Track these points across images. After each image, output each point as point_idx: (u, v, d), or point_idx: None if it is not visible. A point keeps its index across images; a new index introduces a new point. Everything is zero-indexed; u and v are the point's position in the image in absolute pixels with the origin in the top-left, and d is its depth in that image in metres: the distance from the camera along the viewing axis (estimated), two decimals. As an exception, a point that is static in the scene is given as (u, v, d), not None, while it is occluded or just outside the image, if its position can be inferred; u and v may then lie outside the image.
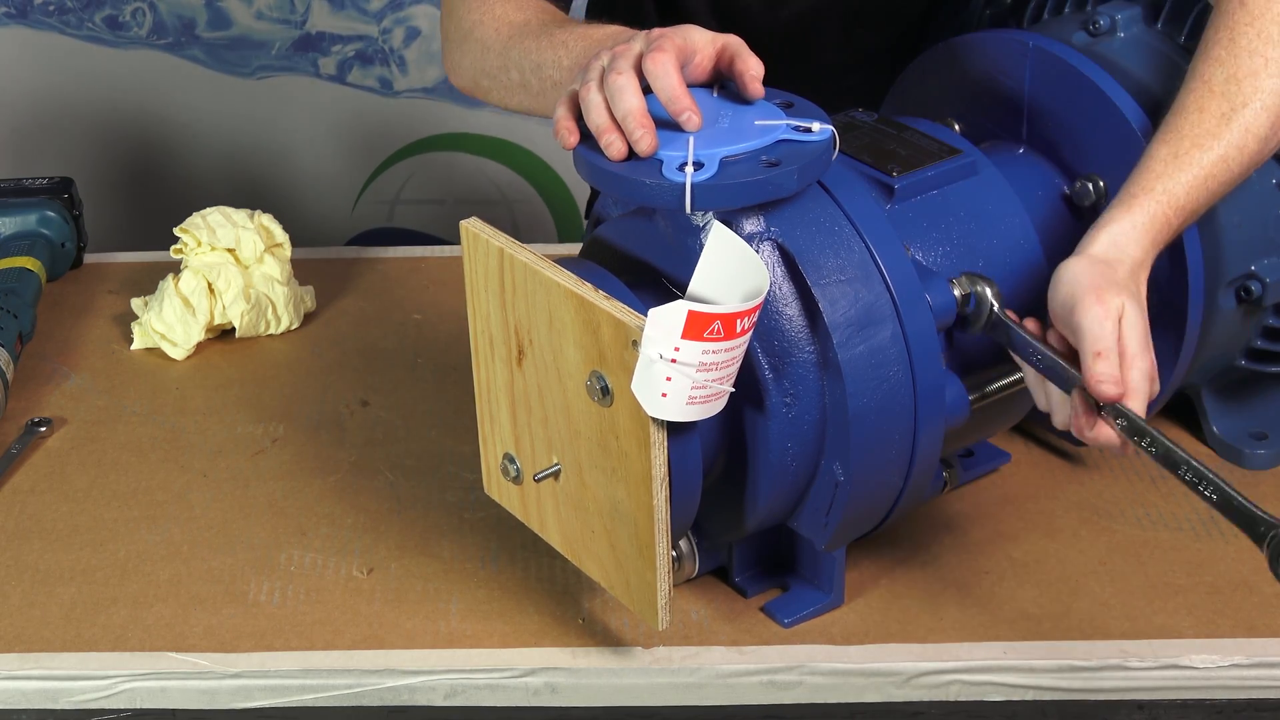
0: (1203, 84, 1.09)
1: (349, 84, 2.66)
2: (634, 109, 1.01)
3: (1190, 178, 1.07)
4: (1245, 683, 1.08)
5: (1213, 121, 1.08)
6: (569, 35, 1.25)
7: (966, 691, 1.08)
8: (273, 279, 1.47)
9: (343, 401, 1.37)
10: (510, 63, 1.30)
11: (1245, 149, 1.08)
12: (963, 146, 1.16)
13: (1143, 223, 1.06)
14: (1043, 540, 1.19)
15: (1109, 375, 0.99)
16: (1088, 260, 1.04)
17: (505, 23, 1.33)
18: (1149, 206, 1.06)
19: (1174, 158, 1.07)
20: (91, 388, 1.40)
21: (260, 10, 2.62)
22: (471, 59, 1.35)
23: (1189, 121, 1.08)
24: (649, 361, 0.91)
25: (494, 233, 1.03)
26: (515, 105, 1.34)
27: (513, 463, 1.07)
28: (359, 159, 2.74)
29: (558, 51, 1.26)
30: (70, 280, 1.58)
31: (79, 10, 2.61)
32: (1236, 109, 1.08)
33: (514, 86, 1.31)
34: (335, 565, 1.17)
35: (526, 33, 1.30)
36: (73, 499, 1.25)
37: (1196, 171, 1.07)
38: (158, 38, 2.63)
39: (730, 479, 1.06)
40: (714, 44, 1.07)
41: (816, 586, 1.12)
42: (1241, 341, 1.23)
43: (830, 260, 1.02)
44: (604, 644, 1.09)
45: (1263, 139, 1.09)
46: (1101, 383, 0.98)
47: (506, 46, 1.31)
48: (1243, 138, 1.08)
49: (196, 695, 1.08)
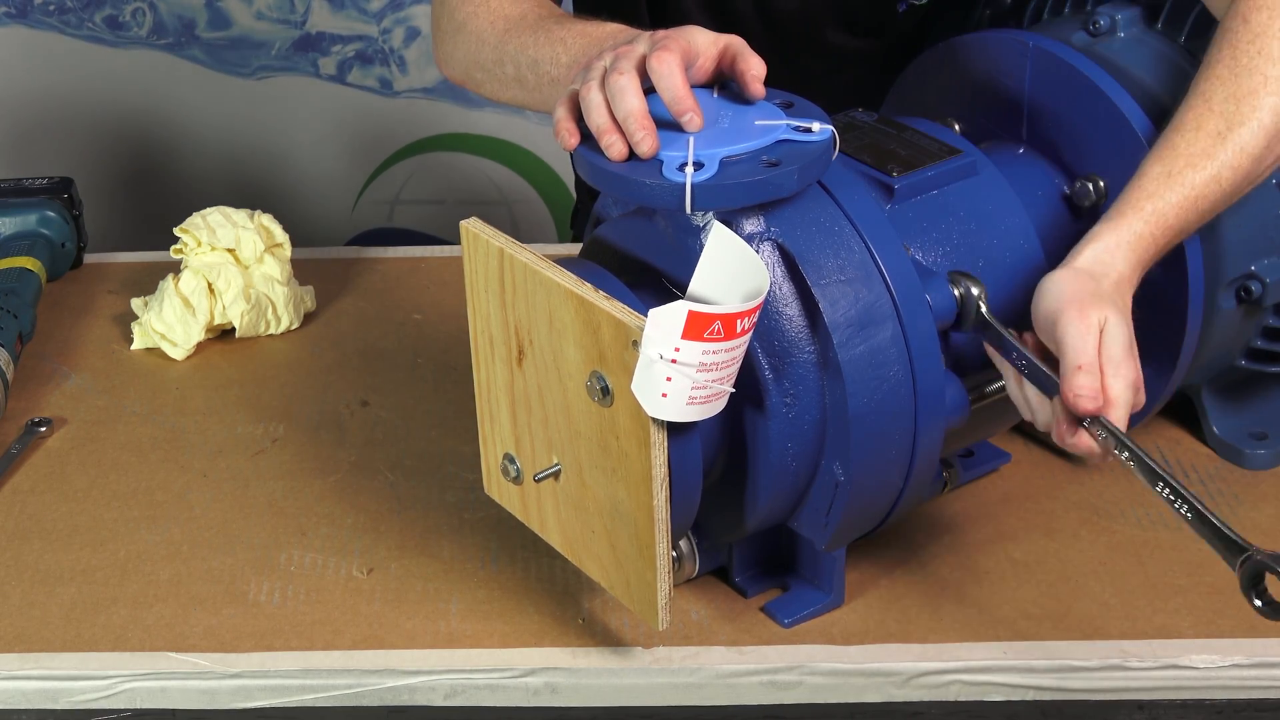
0: (1202, 101, 1.09)
1: (349, 84, 2.66)
2: (635, 110, 1.01)
3: (1180, 197, 1.07)
4: (1245, 683, 1.08)
5: (1208, 140, 1.08)
6: (567, 32, 1.25)
7: (966, 691, 1.08)
8: (273, 279, 1.47)
9: (343, 401, 1.37)
10: (505, 57, 1.30)
11: (1239, 168, 1.08)
12: (963, 146, 1.16)
13: (1129, 240, 1.06)
14: (1043, 540, 1.19)
15: (1089, 389, 0.99)
16: (1072, 273, 1.04)
17: (500, 16, 1.33)
18: (1136, 225, 1.06)
19: (1166, 176, 1.07)
20: (91, 388, 1.40)
21: (260, 10, 2.62)
22: (465, 51, 1.35)
23: (1185, 139, 1.08)
24: (649, 362, 0.91)
25: (494, 233, 1.03)
26: (509, 99, 1.34)
27: (513, 463, 1.07)
28: (359, 159, 2.74)
29: (556, 48, 1.26)
30: (70, 280, 1.58)
31: (79, 10, 2.61)
32: (1233, 127, 1.08)
33: (508, 81, 1.31)
34: (335, 565, 1.17)
35: (523, 27, 1.30)
36: (73, 499, 1.25)
37: (1187, 191, 1.07)
38: (158, 38, 2.63)
39: (730, 479, 1.06)
40: (716, 45, 1.07)
41: (816, 586, 1.12)
42: (1241, 341, 1.23)
43: (830, 260, 1.02)
44: (604, 644, 1.09)
45: (1256, 158, 1.09)
46: (1080, 396, 0.99)
47: (502, 40, 1.31)
48: (1237, 157, 1.08)
49: (196, 695, 1.08)
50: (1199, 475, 1.25)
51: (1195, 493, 0.99)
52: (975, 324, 1.07)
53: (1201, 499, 0.97)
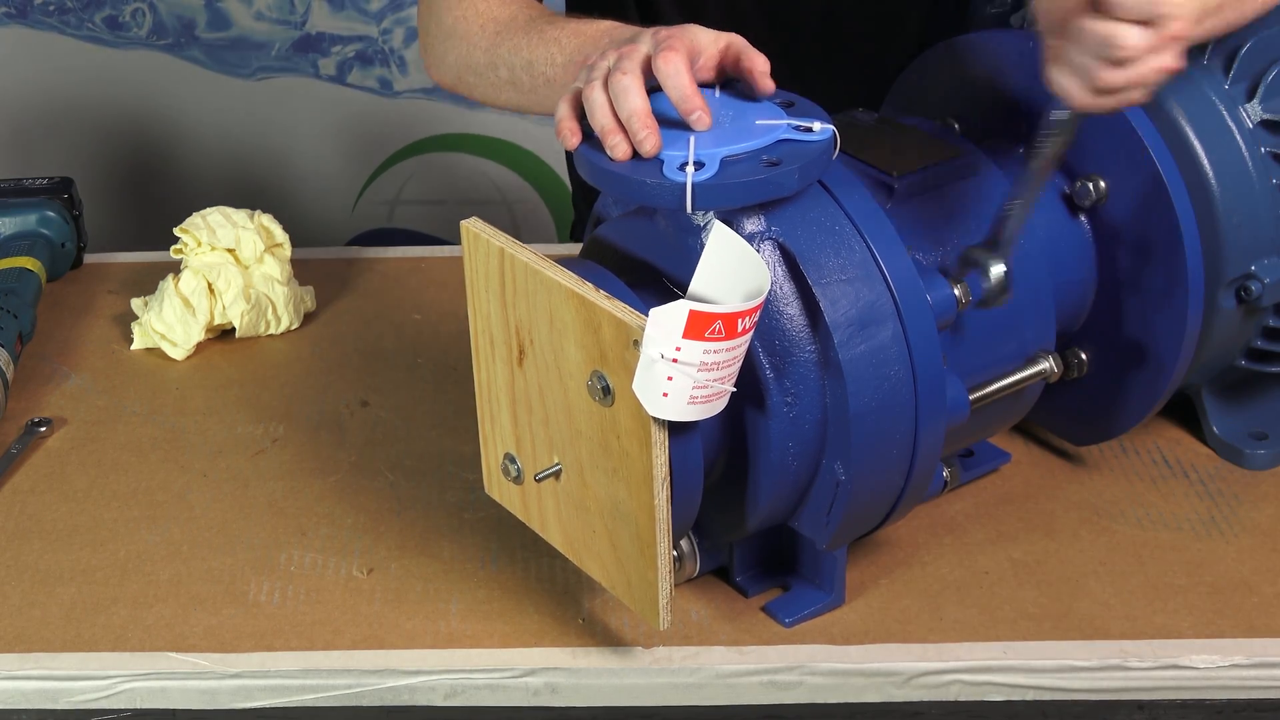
0: None
1: (349, 84, 2.66)
2: (639, 109, 1.01)
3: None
4: (1245, 683, 1.08)
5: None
6: (560, 32, 1.25)
7: (966, 691, 1.08)
8: (273, 279, 1.47)
9: (343, 401, 1.37)
10: (498, 60, 1.29)
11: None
12: (963, 147, 1.16)
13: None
14: (1043, 540, 1.19)
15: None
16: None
17: (489, 18, 1.32)
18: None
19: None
20: (91, 388, 1.40)
21: (260, 11, 2.62)
22: (456, 55, 1.35)
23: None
24: (650, 361, 0.91)
25: (494, 233, 1.03)
26: (503, 102, 1.34)
27: (513, 463, 1.07)
28: (359, 159, 2.74)
29: (550, 48, 1.25)
30: (70, 280, 1.58)
31: (79, 10, 2.61)
32: None
33: (502, 84, 1.31)
34: (335, 565, 1.17)
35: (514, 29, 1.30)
36: (73, 499, 1.25)
37: None
38: (157, 38, 2.63)
39: (731, 479, 1.06)
40: (718, 43, 1.07)
41: (817, 586, 1.12)
42: (1241, 341, 1.23)
43: (831, 260, 1.02)
44: (604, 644, 1.09)
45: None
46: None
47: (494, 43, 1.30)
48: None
49: (196, 695, 1.08)
50: (1199, 475, 1.25)
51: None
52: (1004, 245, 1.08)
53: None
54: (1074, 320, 1.21)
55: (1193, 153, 1.16)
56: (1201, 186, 1.16)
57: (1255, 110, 1.17)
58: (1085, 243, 1.19)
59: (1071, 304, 1.19)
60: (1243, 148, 1.17)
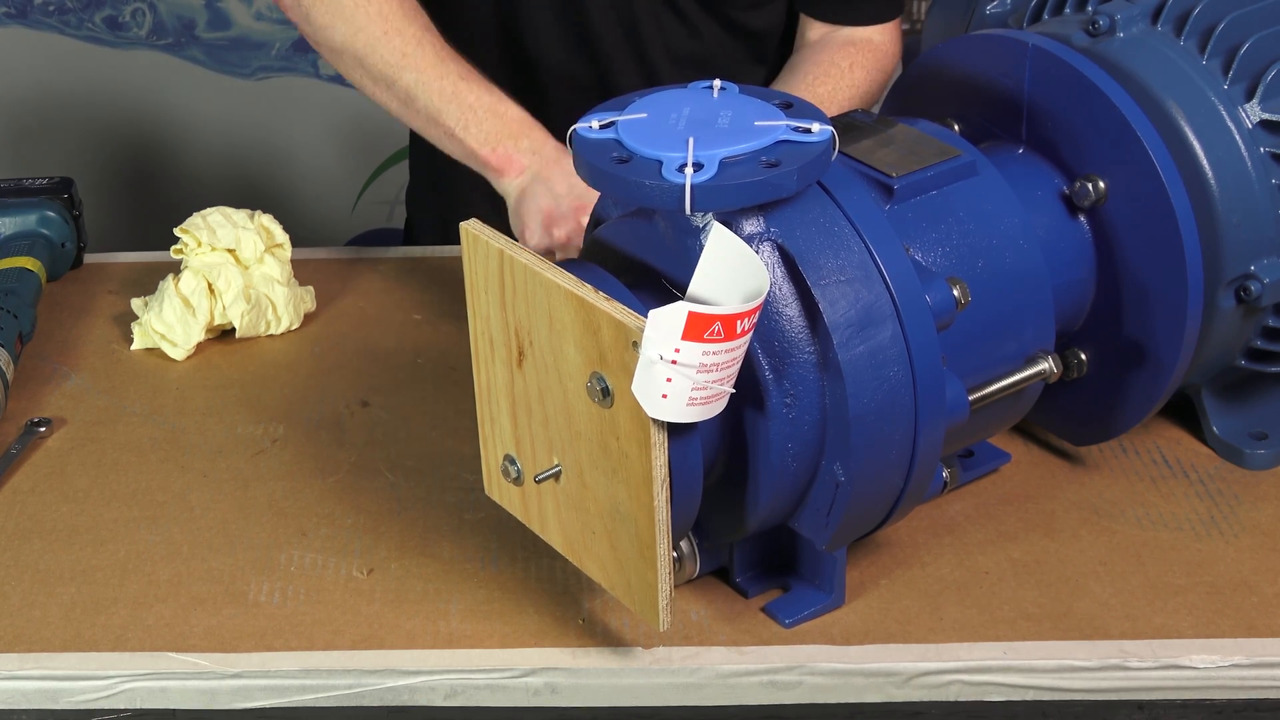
0: None
1: (349, 85, 2.66)
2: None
3: None
4: (1245, 683, 1.08)
5: None
6: (476, 99, 1.33)
7: (966, 691, 1.08)
8: (273, 279, 1.47)
9: (343, 401, 1.37)
10: (400, 79, 1.36)
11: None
12: (963, 147, 1.16)
13: None
14: (1043, 540, 1.19)
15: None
16: None
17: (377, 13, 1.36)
18: None
19: None
20: (91, 388, 1.40)
21: (260, 11, 2.62)
22: (343, 36, 1.38)
23: None
24: (649, 363, 0.91)
25: (494, 234, 1.03)
26: (381, 104, 1.39)
27: (513, 464, 1.07)
28: (359, 159, 2.74)
29: (465, 115, 1.34)
30: (70, 280, 1.58)
31: (79, 10, 2.61)
32: None
33: (397, 99, 1.38)
34: (335, 565, 1.17)
35: (421, 53, 1.33)
36: (73, 499, 1.25)
37: None
38: (157, 38, 2.63)
39: (731, 480, 1.06)
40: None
41: (817, 587, 1.12)
42: (1241, 341, 1.23)
43: (830, 261, 1.02)
44: (604, 644, 1.09)
45: None
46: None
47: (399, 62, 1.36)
48: None
49: (196, 695, 1.08)
50: (1199, 475, 1.25)
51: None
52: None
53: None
54: (1074, 320, 1.21)
55: (1192, 153, 1.16)
56: (1201, 186, 1.16)
57: (1254, 110, 1.17)
58: (1085, 243, 1.19)
59: (1071, 304, 1.19)
60: (1242, 148, 1.17)
